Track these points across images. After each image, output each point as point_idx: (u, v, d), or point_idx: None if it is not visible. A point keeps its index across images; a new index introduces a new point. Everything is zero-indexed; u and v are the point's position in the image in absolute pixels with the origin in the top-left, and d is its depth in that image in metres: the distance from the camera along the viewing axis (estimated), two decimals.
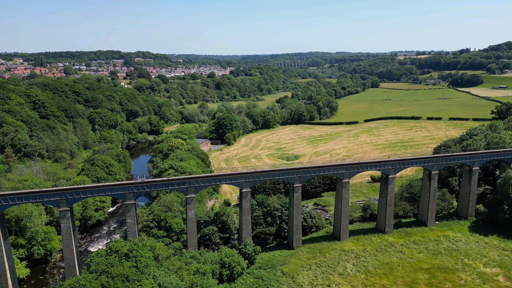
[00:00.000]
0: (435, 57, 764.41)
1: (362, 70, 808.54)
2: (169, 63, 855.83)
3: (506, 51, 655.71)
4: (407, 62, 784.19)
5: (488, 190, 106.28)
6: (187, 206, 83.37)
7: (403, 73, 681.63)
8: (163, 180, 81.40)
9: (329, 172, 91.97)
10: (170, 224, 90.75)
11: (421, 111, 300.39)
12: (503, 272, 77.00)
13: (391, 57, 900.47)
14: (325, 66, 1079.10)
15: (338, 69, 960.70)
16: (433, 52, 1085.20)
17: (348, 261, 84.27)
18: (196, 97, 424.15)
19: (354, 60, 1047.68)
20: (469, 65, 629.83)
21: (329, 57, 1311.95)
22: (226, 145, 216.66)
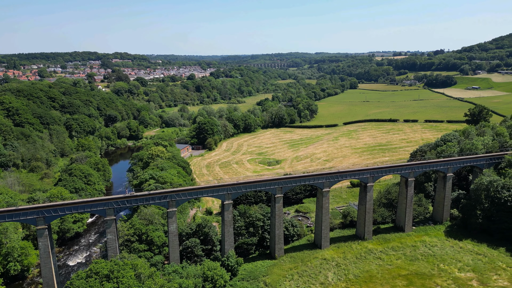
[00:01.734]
0: (411, 58, 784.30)
1: (341, 71, 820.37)
2: (148, 64, 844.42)
3: (478, 53, 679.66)
4: (384, 63, 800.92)
5: (462, 195, 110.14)
6: (168, 220, 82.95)
7: (380, 74, 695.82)
8: (143, 194, 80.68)
9: (309, 182, 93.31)
10: (151, 238, 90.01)
11: (398, 113, 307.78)
12: (476, 277, 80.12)
13: (369, 58, 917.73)
14: (304, 67, 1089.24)
15: (317, 70, 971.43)
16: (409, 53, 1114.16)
17: (329, 270, 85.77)
18: (176, 100, 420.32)
19: (333, 61, 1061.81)
20: (443, 66, 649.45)
21: (309, 58, 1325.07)
22: (208, 150, 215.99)
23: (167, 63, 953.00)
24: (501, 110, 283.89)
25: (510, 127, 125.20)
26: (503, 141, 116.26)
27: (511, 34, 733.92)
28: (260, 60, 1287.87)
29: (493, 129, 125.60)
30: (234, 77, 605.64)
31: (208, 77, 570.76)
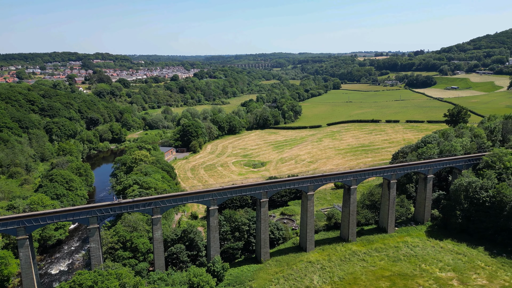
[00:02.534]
0: (392, 58, 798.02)
1: (324, 71, 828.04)
2: (130, 65, 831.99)
3: (456, 53, 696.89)
4: (366, 63, 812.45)
5: (442, 196, 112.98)
6: (153, 227, 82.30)
7: (363, 74, 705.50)
8: (128, 202, 79.81)
9: (294, 186, 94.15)
10: (136, 245, 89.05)
11: (380, 114, 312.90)
12: (456, 276, 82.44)
13: (351, 59, 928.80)
14: (288, 67, 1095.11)
15: (301, 70, 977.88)
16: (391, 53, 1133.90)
17: (314, 273, 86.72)
18: (159, 102, 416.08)
19: (316, 61, 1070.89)
20: (423, 67, 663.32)
21: (292, 58, 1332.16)
22: (192, 153, 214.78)
23: (150, 63, 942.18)
24: (478, 110, 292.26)
25: (487, 128, 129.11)
26: (480, 142, 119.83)
27: (488, 35, 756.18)
28: (244, 60, 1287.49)
29: (471, 131, 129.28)
30: (218, 78, 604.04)
31: (191, 78, 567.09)
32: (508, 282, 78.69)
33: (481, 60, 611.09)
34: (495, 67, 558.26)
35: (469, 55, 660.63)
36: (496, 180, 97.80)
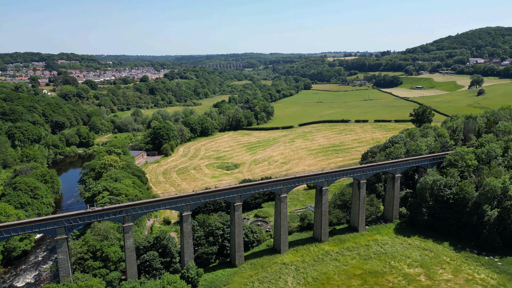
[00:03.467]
0: (360, 59, 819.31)
1: (295, 71, 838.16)
2: (97, 65, 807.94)
3: (421, 54, 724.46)
4: (336, 64, 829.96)
5: (409, 194, 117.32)
6: (124, 235, 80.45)
7: (332, 74, 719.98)
8: (97, 210, 77.55)
9: (267, 189, 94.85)
10: (107, 254, 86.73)
11: (350, 114, 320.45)
12: (424, 272, 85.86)
13: (321, 59, 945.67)
14: (260, 68, 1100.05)
15: (272, 70, 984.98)
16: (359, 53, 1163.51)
17: (288, 274, 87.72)
18: (129, 104, 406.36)
19: (287, 61, 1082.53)
20: (390, 67, 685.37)
21: (264, 59, 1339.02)
22: (164, 156, 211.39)
23: (118, 64, 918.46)
24: (442, 109, 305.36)
25: (450, 128, 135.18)
26: (444, 142, 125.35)
27: (449, 36, 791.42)
28: (216, 60, 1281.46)
29: (435, 130, 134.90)
30: (189, 79, 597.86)
31: (162, 79, 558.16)
32: (472, 275, 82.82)
33: (444, 61, 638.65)
34: (456, 67, 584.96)
35: (433, 55, 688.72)
36: (458, 178, 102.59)
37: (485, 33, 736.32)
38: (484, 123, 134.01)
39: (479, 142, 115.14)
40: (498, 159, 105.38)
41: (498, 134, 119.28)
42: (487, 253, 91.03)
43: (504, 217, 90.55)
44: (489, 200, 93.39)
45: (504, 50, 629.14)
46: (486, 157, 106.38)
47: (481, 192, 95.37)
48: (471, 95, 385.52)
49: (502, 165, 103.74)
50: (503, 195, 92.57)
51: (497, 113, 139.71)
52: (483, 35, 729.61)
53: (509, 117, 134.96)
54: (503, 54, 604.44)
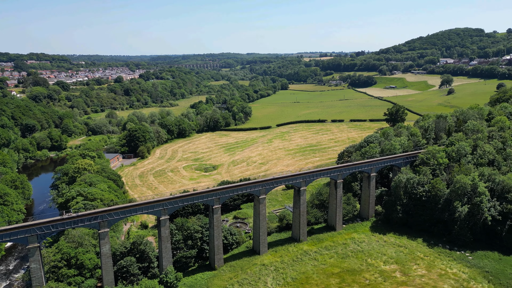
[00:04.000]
0: (335, 59, 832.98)
1: (272, 72, 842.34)
2: (69, 66, 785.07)
3: (393, 54, 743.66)
4: (312, 64, 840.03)
5: (384, 192, 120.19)
6: (100, 241, 78.56)
7: (309, 74, 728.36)
8: (71, 217, 75.40)
9: (246, 191, 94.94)
10: (82, 261, 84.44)
11: (326, 113, 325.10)
12: (399, 268, 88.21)
13: (297, 59, 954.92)
14: (237, 68, 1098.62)
15: (249, 70, 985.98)
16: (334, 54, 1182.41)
17: (268, 275, 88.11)
18: (103, 105, 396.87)
19: (264, 61, 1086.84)
20: (365, 67, 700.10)
21: (241, 59, 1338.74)
22: (140, 159, 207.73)
23: (91, 64, 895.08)
24: (414, 108, 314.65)
25: (422, 127, 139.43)
26: (416, 141, 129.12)
27: (420, 37, 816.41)
28: (192, 60, 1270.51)
29: (408, 130, 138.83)
30: (166, 79, 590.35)
31: (137, 79, 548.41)
32: (444, 270, 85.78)
33: (416, 61, 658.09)
34: (427, 67, 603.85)
35: (405, 56, 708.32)
36: (430, 176, 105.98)
37: (454, 34, 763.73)
38: (454, 122, 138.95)
39: (450, 140, 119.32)
40: (468, 157, 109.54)
41: (467, 133, 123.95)
42: (458, 248, 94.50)
43: (474, 213, 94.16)
44: (459, 196, 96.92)
45: (472, 50, 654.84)
46: (456, 155, 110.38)
47: (452, 189, 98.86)
48: (441, 94, 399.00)
49: (472, 162, 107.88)
50: (472, 192, 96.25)
51: (466, 112, 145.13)
52: (452, 36, 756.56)
53: (477, 116, 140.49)
54: (471, 55, 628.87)
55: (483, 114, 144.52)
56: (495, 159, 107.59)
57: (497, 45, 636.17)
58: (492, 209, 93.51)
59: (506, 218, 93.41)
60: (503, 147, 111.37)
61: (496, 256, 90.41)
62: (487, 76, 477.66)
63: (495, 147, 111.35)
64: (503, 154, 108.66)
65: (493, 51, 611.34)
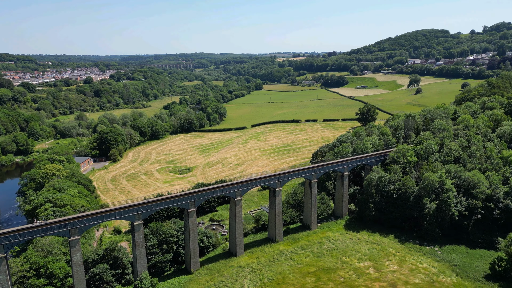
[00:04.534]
0: (308, 59, 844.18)
1: (246, 72, 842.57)
2: (35, 66, 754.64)
3: (364, 55, 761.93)
4: (285, 64, 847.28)
5: (357, 190, 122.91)
6: (71, 249, 76.08)
7: (282, 75, 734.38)
8: (40, 225, 72.57)
9: (222, 193, 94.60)
10: (51, 270, 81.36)
11: (300, 113, 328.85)
12: (372, 265, 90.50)
13: (271, 59, 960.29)
14: (210, 68, 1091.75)
15: (223, 71, 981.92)
16: (307, 54, 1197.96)
17: (244, 277, 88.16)
18: (72, 107, 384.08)
19: (238, 62, 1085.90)
20: (336, 67, 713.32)
21: (214, 59, 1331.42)
22: (112, 162, 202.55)
23: (59, 64, 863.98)
24: (385, 107, 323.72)
25: (392, 126, 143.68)
26: (387, 140, 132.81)
27: (389, 38, 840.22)
28: (164, 60, 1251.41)
29: (379, 129, 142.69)
30: (137, 80, 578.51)
31: (108, 80, 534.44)
32: (415, 265, 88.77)
33: (385, 61, 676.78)
34: (396, 67, 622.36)
35: (375, 56, 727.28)
36: (401, 174, 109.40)
37: (421, 35, 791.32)
38: (422, 121, 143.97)
39: (418, 139, 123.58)
40: (435, 154, 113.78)
41: (434, 132, 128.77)
42: (428, 243, 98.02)
43: (441, 209, 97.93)
44: (428, 193, 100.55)
45: (438, 51, 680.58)
46: (424, 153, 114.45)
47: (421, 186, 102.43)
48: (410, 93, 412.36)
49: (439, 160, 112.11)
50: (440, 188, 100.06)
51: (433, 111, 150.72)
52: (419, 37, 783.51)
53: (443, 115, 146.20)
54: (438, 55, 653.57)
55: (449, 113, 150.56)
56: (460, 156, 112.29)
57: (461, 46, 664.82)
58: (458, 205, 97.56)
59: (472, 213, 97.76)
60: (468, 145, 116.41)
61: (463, 250, 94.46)
62: (452, 75, 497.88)
63: (461, 145, 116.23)
64: (468, 152, 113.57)
65: (458, 52, 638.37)
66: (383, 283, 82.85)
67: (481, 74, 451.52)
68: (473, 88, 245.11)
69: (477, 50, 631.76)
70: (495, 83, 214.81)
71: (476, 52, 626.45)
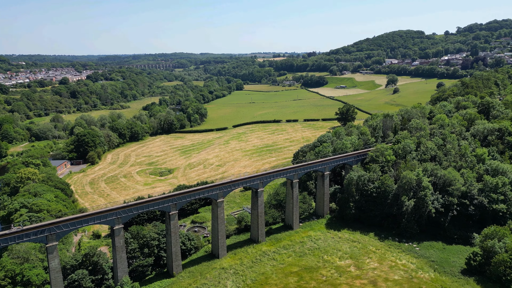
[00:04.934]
0: (288, 59, 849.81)
1: (226, 72, 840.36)
2: (7, 66, 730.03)
3: (343, 55, 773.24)
4: (266, 65, 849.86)
5: (337, 189, 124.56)
6: (48, 256, 73.99)
7: (263, 75, 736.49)
8: (15, 232, 70.27)
9: (204, 195, 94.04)
10: (28, 277, 79.01)
11: (281, 114, 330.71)
12: (353, 263, 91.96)
13: (251, 60, 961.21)
14: (190, 68, 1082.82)
15: (204, 71, 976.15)
16: (287, 54, 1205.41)
17: (227, 279, 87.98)
18: (47, 109, 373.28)
19: (218, 62, 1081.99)
20: (316, 67, 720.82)
21: (194, 59, 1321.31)
22: (90, 165, 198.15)
23: (33, 65, 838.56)
24: (363, 107, 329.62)
25: (371, 126, 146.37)
26: (366, 139, 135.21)
27: (367, 38, 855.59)
28: (143, 60, 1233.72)
29: (358, 129, 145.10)
30: (116, 80, 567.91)
31: (84, 81, 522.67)
32: (394, 262, 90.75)
33: (364, 61, 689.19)
34: (374, 67, 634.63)
35: (354, 56, 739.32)
36: (380, 173, 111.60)
37: (397, 36, 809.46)
38: (400, 121, 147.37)
39: (396, 138, 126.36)
40: (412, 153, 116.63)
41: (412, 131, 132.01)
42: (406, 240, 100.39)
43: (419, 206, 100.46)
44: (406, 191, 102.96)
45: (414, 51, 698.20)
46: (402, 152, 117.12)
47: (399, 184, 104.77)
48: (388, 93, 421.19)
49: (416, 159, 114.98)
50: (417, 186, 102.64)
51: (410, 111, 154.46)
52: (396, 38, 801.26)
53: (420, 115, 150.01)
54: (414, 55, 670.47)
55: (425, 112, 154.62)
56: (436, 155, 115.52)
57: (436, 46, 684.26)
58: (435, 202, 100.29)
59: (448, 210, 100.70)
60: (444, 144, 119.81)
61: (440, 246, 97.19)
62: (428, 75, 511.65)
63: (436, 144, 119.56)
64: (443, 150, 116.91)
65: (433, 52, 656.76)
66: (364, 280, 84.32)
67: (455, 74, 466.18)
68: (448, 88, 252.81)
69: (451, 51, 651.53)
70: (469, 83, 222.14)
71: (450, 52, 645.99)
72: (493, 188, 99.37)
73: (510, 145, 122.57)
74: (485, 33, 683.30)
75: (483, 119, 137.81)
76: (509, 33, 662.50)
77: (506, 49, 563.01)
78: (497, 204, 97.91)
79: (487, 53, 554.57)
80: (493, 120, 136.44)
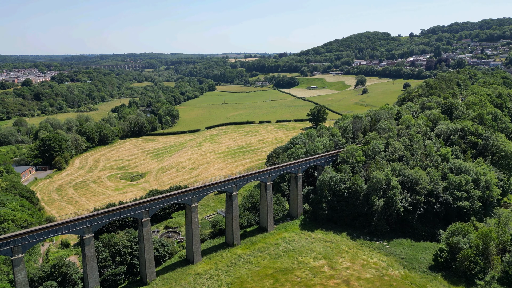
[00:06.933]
0: (260, 60, 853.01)
1: (198, 73, 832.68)
2: None
3: (313, 56, 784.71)
4: (238, 65, 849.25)
5: (310, 190, 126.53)
6: (14, 268, 70.82)
7: (235, 75, 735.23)
8: None
9: (177, 200, 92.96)
10: None
11: (254, 115, 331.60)
12: (327, 263, 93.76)
13: (223, 60, 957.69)
14: (161, 69, 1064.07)
15: (174, 71, 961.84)
16: (259, 55, 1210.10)
17: (203, 284, 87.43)
18: (9, 112, 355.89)
19: (190, 62, 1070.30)
20: (287, 68, 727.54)
21: (165, 59, 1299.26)
22: (57, 171, 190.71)
23: None
24: (334, 107, 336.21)
25: (341, 127, 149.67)
26: (337, 140, 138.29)
27: (336, 40, 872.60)
28: (112, 61, 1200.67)
29: (329, 130, 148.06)
30: (82, 81, 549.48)
31: (49, 82, 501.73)
32: (366, 260, 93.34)
33: (333, 62, 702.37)
34: (344, 68, 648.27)
35: (323, 57, 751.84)
36: (351, 173, 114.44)
37: (365, 38, 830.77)
38: (369, 122, 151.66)
39: (365, 139, 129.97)
40: (381, 154, 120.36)
41: (380, 132, 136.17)
42: (377, 238, 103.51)
43: (389, 205, 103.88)
44: (376, 191, 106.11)
45: (381, 52, 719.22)
46: (371, 153, 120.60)
47: (369, 184, 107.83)
48: (357, 93, 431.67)
49: (385, 159, 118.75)
50: (387, 186, 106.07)
51: (378, 112, 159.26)
52: (364, 39, 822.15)
53: (388, 116, 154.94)
54: (381, 56, 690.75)
55: (393, 113, 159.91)
56: (404, 155, 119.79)
57: (402, 48, 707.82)
58: (404, 201, 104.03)
59: (416, 208, 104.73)
60: (410, 144, 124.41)
61: (409, 243, 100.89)
62: (395, 76, 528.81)
63: (404, 144, 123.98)
64: (410, 150, 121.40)
65: (399, 53, 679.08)
66: (337, 280, 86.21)
67: (420, 75, 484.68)
68: (413, 88, 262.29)
69: (416, 52, 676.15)
70: (433, 84, 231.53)
71: (415, 53, 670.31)
72: (457, 186, 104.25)
73: (472, 144, 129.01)
74: (447, 35, 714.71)
75: (447, 120, 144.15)
76: (469, 35, 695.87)
77: (467, 50, 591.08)
78: (461, 202, 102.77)
79: (449, 54, 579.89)
80: (456, 120, 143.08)
